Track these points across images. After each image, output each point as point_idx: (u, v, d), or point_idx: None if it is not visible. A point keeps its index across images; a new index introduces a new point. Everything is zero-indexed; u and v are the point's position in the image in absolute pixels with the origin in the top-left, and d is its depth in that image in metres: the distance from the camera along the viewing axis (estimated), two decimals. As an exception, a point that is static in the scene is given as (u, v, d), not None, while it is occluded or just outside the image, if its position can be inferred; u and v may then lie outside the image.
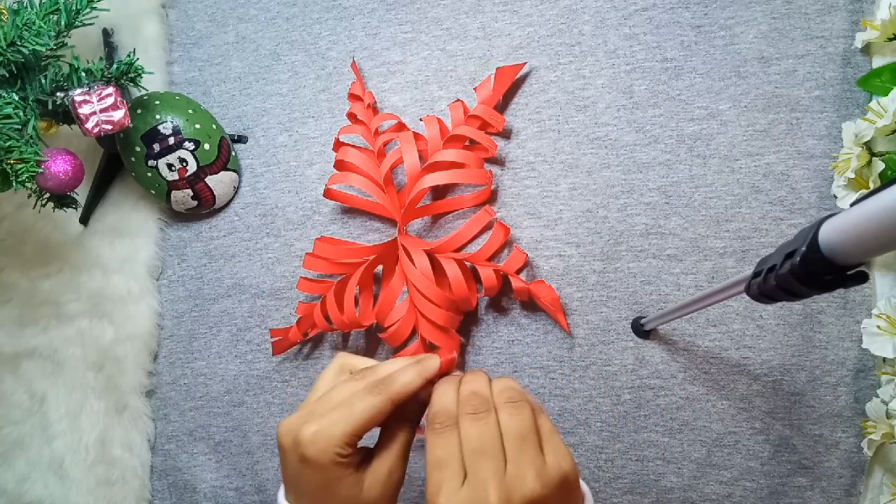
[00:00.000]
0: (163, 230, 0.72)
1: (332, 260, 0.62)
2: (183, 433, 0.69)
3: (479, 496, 0.32)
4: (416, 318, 0.60)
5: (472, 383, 0.37)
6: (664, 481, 0.58)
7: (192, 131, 0.66)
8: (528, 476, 0.33)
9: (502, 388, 0.36)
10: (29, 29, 0.55)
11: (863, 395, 0.55)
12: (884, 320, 0.52)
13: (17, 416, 0.71)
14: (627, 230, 0.60)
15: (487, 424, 0.34)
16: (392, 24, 0.68)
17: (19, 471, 0.70)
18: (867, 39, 0.56)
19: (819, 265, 0.30)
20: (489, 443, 0.34)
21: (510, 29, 0.65)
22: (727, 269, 0.58)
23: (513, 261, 0.60)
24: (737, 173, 0.59)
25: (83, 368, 0.70)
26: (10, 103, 0.55)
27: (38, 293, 0.71)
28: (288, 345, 0.66)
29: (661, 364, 0.58)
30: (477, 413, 0.35)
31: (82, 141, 0.69)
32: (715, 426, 0.57)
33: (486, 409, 0.35)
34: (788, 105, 0.58)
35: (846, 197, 0.56)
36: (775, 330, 0.57)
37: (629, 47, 0.62)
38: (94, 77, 0.59)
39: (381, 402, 0.37)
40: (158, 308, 0.71)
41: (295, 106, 0.70)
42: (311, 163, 0.68)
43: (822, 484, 0.55)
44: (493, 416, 0.35)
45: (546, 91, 0.63)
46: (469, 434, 0.34)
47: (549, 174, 0.62)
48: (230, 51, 0.72)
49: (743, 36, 0.60)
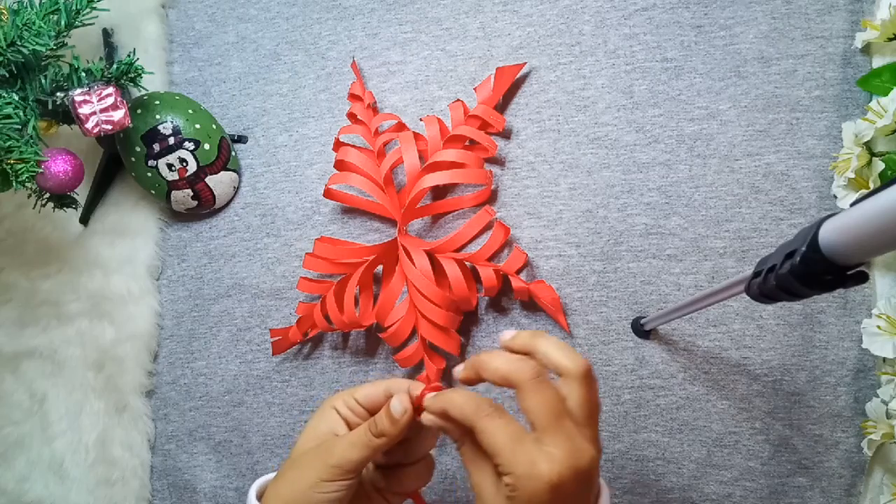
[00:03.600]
0: (163, 230, 0.72)
1: (332, 260, 0.62)
2: (183, 433, 0.69)
3: (576, 451, 0.34)
4: (416, 318, 0.60)
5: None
6: (664, 481, 0.58)
7: (192, 131, 0.66)
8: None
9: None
10: (29, 29, 0.55)
11: (863, 395, 0.55)
12: (884, 320, 0.52)
13: (17, 416, 0.71)
14: (627, 230, 0.60)
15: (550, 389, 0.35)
16: (392, 24, 0.68)
17: (19, 471, 0.70)
18: (867, 39, 0.56)
19: (819, 265, 0.30)
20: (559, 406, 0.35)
21: (510, 29, 0.65)
22: (727, 269, 0.58)
23: (513, 261, 0.60)
24: (737, 173, 0.59)
25: (83, 368, 0.70)
26: (10, 103, 0.55)
27: (38, 293, 0.71)
28: (288, 345, 0.66)
29: (661, 364, 0.58)
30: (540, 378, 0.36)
31: (82, 141, 0.69)
32: (715, 426, 0.57)
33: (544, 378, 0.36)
34: (788, 105, 0.58)
35: (846, 197, 0.56)
36: (775, 330, 0.57)
37: (629, 47, 0.62)
38: (94, 77, 0.59)
39: (384, 387, 0.42)
40: (158, 308, 0.71)
41: (295, 106, 0.70)
42: (311, 163, 0.68)
43: (822, 484, 0.55)
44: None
45: (546, 91, 0.63)
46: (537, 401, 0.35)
47: (549, 174, 0.62)
48: (230, 51, 0.72)
49: (743, 36, 0.60)
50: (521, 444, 0.34)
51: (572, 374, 0.36)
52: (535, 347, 0.38)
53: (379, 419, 0.40)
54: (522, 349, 0.38)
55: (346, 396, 0.43)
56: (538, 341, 0.38)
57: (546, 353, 0.37)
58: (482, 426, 0.35)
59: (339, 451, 0.39)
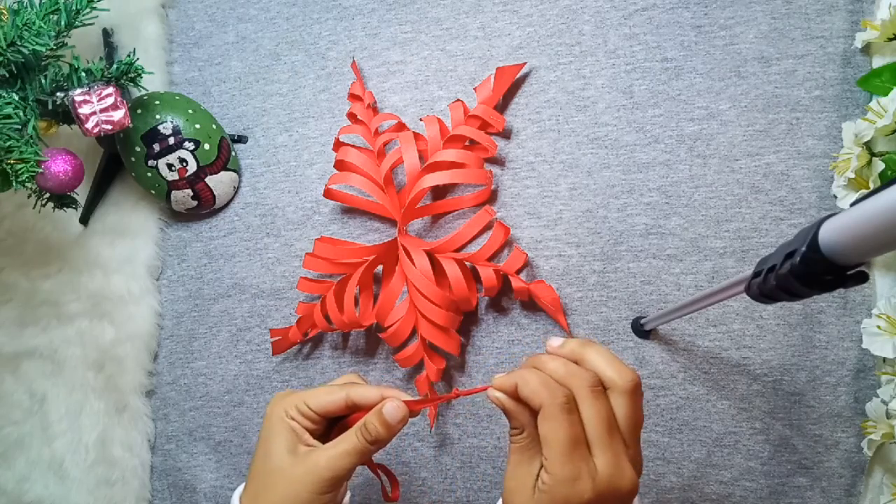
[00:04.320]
0: (163, 230, 0.72)
1: (332, 260, 0.62)
2: (183, 433, 0.69)
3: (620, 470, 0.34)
4: (416, 318, 0.60)
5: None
6: (664, 481, 0.58)
7: (192, 131, 0.66)
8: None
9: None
10: (29, 29, 0.55)
11: (863, 395, 0.55)
12: (884, 320, 0.52)
13: (17, 416, 0.71)
14: (627, 230, 0.60)
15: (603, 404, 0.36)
16: (392, 24, 0.68)
17: (19, 471, 0.70)
18: (867, 39, 0.56)
19: (819, 265, 0.30)
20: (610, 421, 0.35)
21: (510, 29, 0.65)
22: (727, 269, 0.58)
23: (513, 261, 0.60)
24: (737, 173, 0.59)
25: (83, 368, 0.70)
26: (10, 103, 0.55)
27: (38, 293, 0.71)
28: (288, 345, 0.66)
29: (661, 364, 0.58)
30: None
31: (82, 141, 0.69)
32: (715, 426, 0.57)
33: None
34: (788, 105, 0.58)
35: (846, 197, 0.56)
36: (775, 330, 0.57)
37: (629, 47, 0.62)
38: (94, 77, 0.59)
39: (343, 395, 0.41)
40: (158, 308, 0.71)
41: (295, 106, 0.70)
42: (311, 163, 0.68)
43: (822, 484, 0.55)
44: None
45: (546, 91, 0.63)
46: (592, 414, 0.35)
47: (549, 174, 0.62)
48: (230, 51, 0.72)
49: (743, 36, 0.60)
50: (575, 451, 0.34)
51: (619, 388, 0.35)
52: (583, 356, 0.37)
53: (371, 426, 0.39)
54: (571, 357, 0.38)
55: (297, 404, 0.42)
56: (588, 350, 0.37)
57: (595, 363, 0.37)
58: (551, 413, 0.34)
59: (332, 462, 0.39)
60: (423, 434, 0.63)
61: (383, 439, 0.40)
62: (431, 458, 0.63)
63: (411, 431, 0.63)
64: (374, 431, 0.39)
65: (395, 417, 0.39)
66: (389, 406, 0.39)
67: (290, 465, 0.40)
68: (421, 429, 0.63)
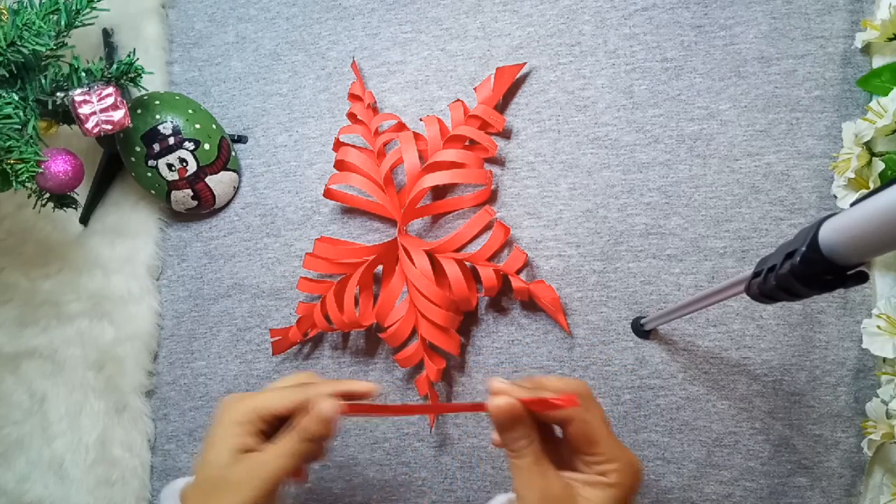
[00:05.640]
0: (163, 230, 0.72)
1: (332, 260, 0.62)
2: (183, 433, 0.69)
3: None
4: (416, 318, 0.60)
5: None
6: (664, 481, 0.58)
7: (192, 131, 0.66)
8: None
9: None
10: (29, 29, 0.55)
11: (863, 395, 0.55)
12: (884, 320, 0.52)
13: (17, 416, 0.71)
14: (627, 230, 0.60)
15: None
16: (392, 24, 0.68)
17: (19, 471, 0.70)
18: (867, 39, 0.56)
19: (819, 265, 0.30)
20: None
21: (510, 29, 0.65)
22: (727, 269, 0.58)
23: (513, 261, 0.60)
24: (737, 173, 0.59)
25: (83, 368, 0.70)
26: (10, 103, 0.55)
27: (38, 293, 0.71)
28: (288, 345, 0.66)
29: (661, 364, 0.58)
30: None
31: (82, 141, 0.69)
32: (715, 426, 0.57)
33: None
34: (788, 105, 0.58)
35: (846, 197, 0.56)
36: (775, 330, 0.57)
37: (629, 47, 0.62)
38: (94, 77, 0.59)
39: (291, 397, 0.42)
40: (158, 308, 0.71)
41: (295, 106, 0.70)
42: (311, 163, 0.68)
43: (822, 484, 0.55)
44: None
45: (546, 91, 0.63)
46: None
47: (549, 174, 0.62)
48: (230, 51, 0.72)
49: (743, 36, 0.60)
50: (612, 438, 0.36)
51: (584, 395, 0.38)
52: (540, 382, 0.40)
53: (308, 424, 0.41)
54: (530, 386, 0.40)
55: (247, 407, 0.43)
56: (538, 379, 0.41)
57: (553, 383, 0.39)
58: (590, 404, 0.37)
59: (274, 463, 0.40)
60: (423, 434, 0.63)
61: (320, 435, 0.41)
62: (431, 458, 0.63)
63: (411, 431, 0.63)
64: (310, 428, 0.41)
65: (329, 412, 0.41)
66: (323, 403, 0.41)
67: (236, 467, 0.41)
68: (421, 429, 0.63)
